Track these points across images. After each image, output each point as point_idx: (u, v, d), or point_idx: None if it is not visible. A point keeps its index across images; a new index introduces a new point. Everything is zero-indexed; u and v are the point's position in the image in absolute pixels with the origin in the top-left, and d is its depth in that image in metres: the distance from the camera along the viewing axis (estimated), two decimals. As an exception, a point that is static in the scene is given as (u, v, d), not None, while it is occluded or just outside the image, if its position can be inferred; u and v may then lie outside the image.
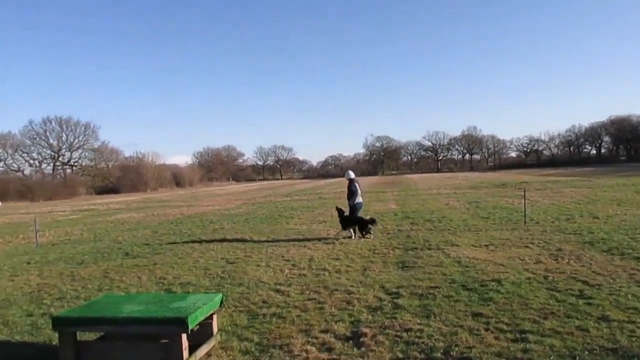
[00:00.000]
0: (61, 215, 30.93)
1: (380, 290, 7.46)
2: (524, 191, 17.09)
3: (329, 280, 8.26)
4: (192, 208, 31.23)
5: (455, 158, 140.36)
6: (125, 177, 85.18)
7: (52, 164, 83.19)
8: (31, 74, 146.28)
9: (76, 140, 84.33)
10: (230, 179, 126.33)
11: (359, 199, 14.07)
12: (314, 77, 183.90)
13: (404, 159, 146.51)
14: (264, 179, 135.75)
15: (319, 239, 13.38)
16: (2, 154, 74.96)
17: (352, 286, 7.78)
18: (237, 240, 14.06)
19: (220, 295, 5.82)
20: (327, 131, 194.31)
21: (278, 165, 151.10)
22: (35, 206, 49.03)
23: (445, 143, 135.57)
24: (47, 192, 67.94)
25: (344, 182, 18.48)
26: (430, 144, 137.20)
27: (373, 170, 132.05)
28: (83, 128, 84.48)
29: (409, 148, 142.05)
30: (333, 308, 6.61)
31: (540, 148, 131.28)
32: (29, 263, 11.80)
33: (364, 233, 13.07)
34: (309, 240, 13.42)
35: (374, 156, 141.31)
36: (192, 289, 8.12)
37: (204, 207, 31.86)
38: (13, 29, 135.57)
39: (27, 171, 79.32)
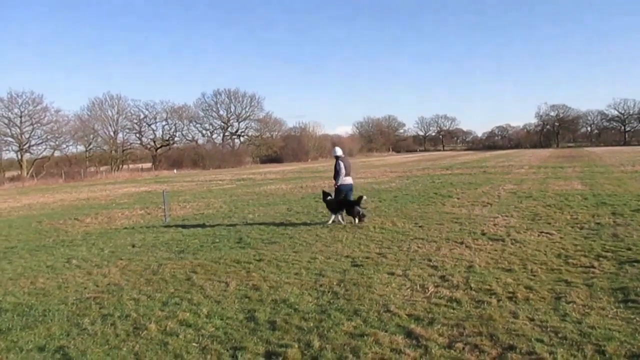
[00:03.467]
0: (217, 185, 31.07)
1: (596, 357, 4.12)
2: None
3: (498, 320, 5.01)
4: (343, 180, 29.13)
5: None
6: (287, 146, 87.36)
7: (221, 134, 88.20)
8: (204, 50, 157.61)
9: (243, 111, 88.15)
10: (390, 149, 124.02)
11: (347, 180, 12.10)
12: (483, 39, 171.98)
13: (582, 130, 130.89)
14: (425, 150, 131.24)
15: (483, 233, 10.00)
16: (179, 125, 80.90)
17: (540, 340, 4.49)
18: (375, 226, 11.24)
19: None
20: (493, 100, 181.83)
21: (440, 136, 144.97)
22: (204, 174, 51.49)
23: (637, 112, 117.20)
24: (217, 161, 71.94)
25: (512, 154, 14.60)
26: (616, 113, 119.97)
27: (546, 142, 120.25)
28: (249, 99, 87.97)
29: (589, 118, 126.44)
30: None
31: None
32: (133, 246, 10.29)
33: (357, 219, 11.49)
34: (468, 232, 10.12)
35: (547, 127, 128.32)
36: (283, 313, 5.49)
37: (357, 179, 29.42)
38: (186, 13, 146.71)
39: (200, 141, 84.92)
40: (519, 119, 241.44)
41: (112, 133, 71.47)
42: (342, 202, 11.91)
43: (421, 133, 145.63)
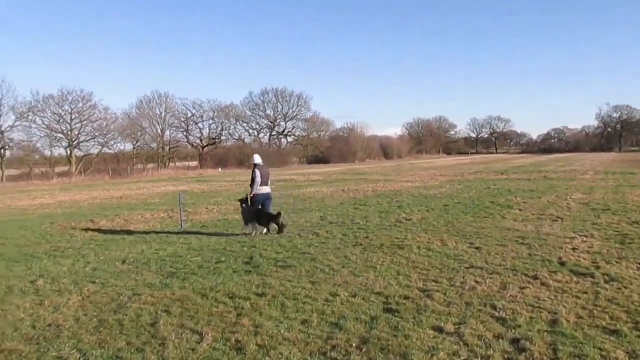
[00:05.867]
0: (256, 186, 29.41)
1: None
2: None
3: None
4: (389, 184, 27.00)
5: None
6: (334, 147, 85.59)
7: (268, 134, 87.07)
8: (249, 51, 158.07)
9: (290, 111, 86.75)
10: (441, 151, 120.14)
11: (264, 189, 11.51)
12: (538, 39, 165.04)
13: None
14: (477, 153, 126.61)
15: (562, 262, 7.67)
16: (226, 124, 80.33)
17: None
18: (420, 246, 9.07)
19: None
20: (549, 101, 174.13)
21: (493, 138, 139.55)
22: (248, 174, 50.09)
23: None
24: (263, 161, 70.69)
25: (572, 158, 12.11)
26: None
27: (607, 146, 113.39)
28: (297, 99, 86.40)
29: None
30: None
31: None
32: (123, 262, 8.51)
33: (264, 230, 11.08)
34: (541, 259, 7.83)
35: (609, 129, 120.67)
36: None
37: (403, 183, 27.41)
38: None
39: (247, 140, 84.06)
40: (577, 121, 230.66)
41: (159, 131, 71.54)
42: (260, 214, 11.30)
43: (473, 135, 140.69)
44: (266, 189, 11.62)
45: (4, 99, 51.72)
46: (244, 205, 11.62)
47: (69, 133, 58.85)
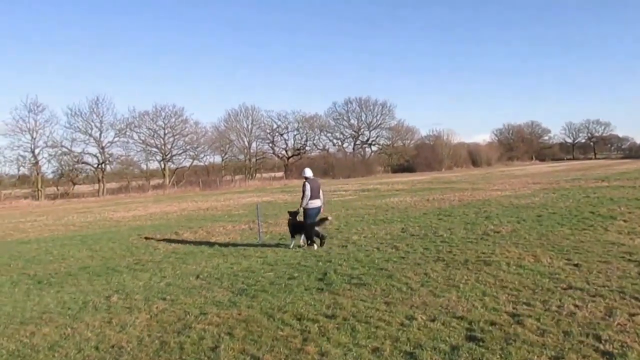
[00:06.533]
0: (339, 196, 29.29)
1: None
2: None
3: None
4: (476, 192, 25.74)
5: None
6: (420, 155, 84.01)
7: (352, 143, 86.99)
8: (333, 61, 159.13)
9: (374, 120, 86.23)
10: (533, 157, 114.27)
11: (313, 203, 11.25)
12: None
13: None
14: (573, 158, 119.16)
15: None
16: (310, 134, 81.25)
17: None
18: (510, 262, 8.24)
19: None
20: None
21: (591, 143, 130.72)
22: (332, 183, 50.42)
23: None
24: (346, 170, 70.90)
25: None
26: None
27: None
28: (380, 107, 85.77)
29: None
30: None
31: None
32: (197, 277, 8.36)
33: (309, 242, 11.11)
34: (654, 279, 6.80)
35: None
36: None
37: (492, 191, 26.00)
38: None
39: (331, 150, 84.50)
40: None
41: (246, 143, 73.73)
42: (298, 225, 11.30)
43: (569, 140, 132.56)
44: (317, 202, 11.38)
45: (105, 116, 55.56)
46: (293, 220, 11.48)
47: (163, 147, 62.06)
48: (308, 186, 11.21)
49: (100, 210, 28.31)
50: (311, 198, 11.18)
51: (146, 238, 14.43)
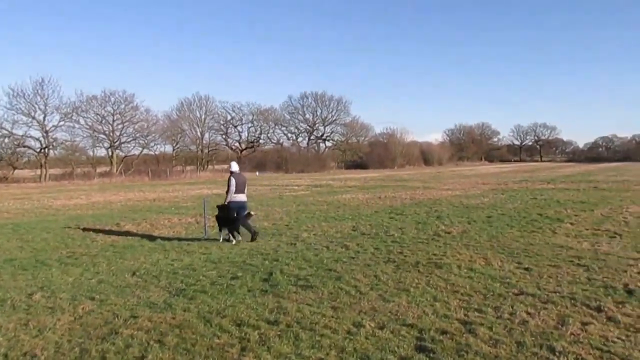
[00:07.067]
0: (291, 191, 28.85)
1: None
2: None
3: None
4: (427, 191, 25.90)
5: None
6: (373, 152, 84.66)
7: (307, 138, 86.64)
8: (290, 57, 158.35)
9: (329, 115, 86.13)
10: (483, 158, 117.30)
11: (239, 197, 11.48)
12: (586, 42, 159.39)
13: None
14: (520, 160, 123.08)
15: (628, 289, 6.54)
16: (264, 127, 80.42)
17: None
18: (461, 265, 8.06)
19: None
20: (597, 108, 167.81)
21: (538, 146, 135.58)
22: (285, 178, 49.85)
23: None
24: (300, 165, 70.56)
25: (622, 168, 10.81)
26: None
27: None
28: (336, 103, 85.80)
29: None
30: None
31: None
32: (133, 274, 7.77)
33: (229, 236, 11.13)
34: (602, 285, 6.72)
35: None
36: None
37: (443, 190, 26.22)
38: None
39: (285, 144, 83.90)
40: (627, 129, 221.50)
41: (199, 133, 72.11)
42: (226, 219, 11.29)
43: (517, 142, 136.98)
44: (241, 197, 11.57)
45: (49, 98, 52.81)
46: (219, 213, 11.57)
47: (111, 134, 59.72)
48: (233, 180, 11.39)
49: (40, 197, 26.82)
50: (236, 192, 11.38)
51: (84, 229, 13.58)
